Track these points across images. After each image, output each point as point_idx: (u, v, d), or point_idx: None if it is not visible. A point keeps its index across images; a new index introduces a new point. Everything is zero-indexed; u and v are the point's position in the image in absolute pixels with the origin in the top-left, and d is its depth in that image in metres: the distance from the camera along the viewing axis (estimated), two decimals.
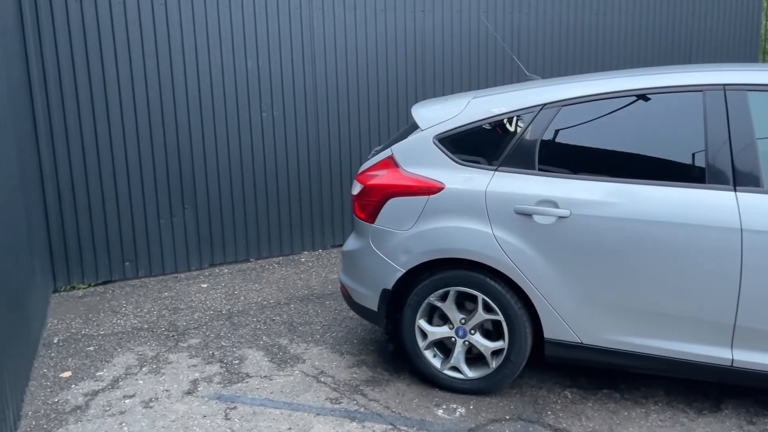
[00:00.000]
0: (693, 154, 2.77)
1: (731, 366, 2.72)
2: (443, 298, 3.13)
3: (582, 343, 2.94)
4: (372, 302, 3.27)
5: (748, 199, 2.63)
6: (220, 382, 3.31)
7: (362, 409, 3.02)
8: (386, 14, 5.57)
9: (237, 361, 3.55)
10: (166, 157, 4.93)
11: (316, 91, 5.42)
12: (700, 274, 2.68)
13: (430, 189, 3.09)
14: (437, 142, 3.17)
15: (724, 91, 2.76)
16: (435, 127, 3.20)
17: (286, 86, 5.29)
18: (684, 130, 2.81)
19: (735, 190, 2.66)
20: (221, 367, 3.48)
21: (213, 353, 3.66)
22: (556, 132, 3.01)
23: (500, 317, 3.02)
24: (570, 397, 3.10)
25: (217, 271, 5.14)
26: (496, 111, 3.11)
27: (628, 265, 2.79)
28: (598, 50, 6.73)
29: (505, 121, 3.10)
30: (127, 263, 4.93)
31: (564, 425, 2.85)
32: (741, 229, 2.61)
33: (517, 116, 3.07)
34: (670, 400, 3.02)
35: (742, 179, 2.67)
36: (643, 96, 2.91)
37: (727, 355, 2.72)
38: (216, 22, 4.95)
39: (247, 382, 3.30)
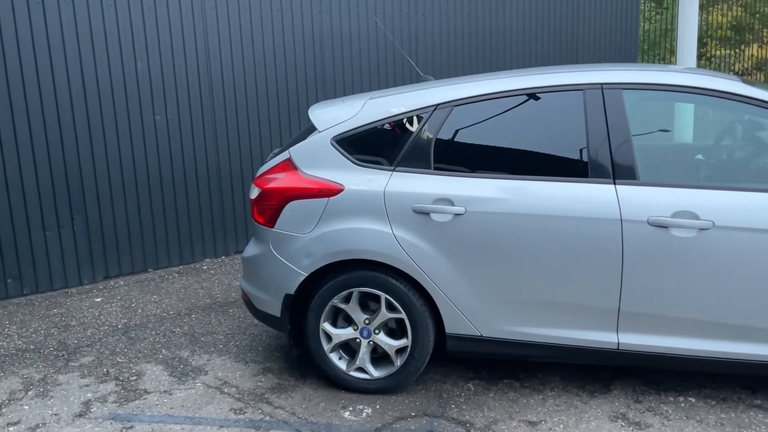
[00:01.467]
0: (576, 150, 2.92)
1: (618, 349, 2.89)
2: (347, 299, 3.12)
3: (482, 336, 3.03)
4: (274, 308, 3.21)
5: (626, 191, 2.81)
6: (115, 401, 3.14)
7: (267, 418, 2.96)
8: (282, 15, 5.50)
9: (134, 378, 3.38)
10: (49, 163, 4.62)
11: (212, 93, 5.26)
12: (587, 264, 2.83)
13: (330, 191, 3.08)
14: (335, 144, 3.16)
15: (602, 90, 2.92)
16: (332, 129, 3.19)
17: (180, 89, 5.11)
18: (568, 127, 2.95)
19: (615, 184, 2.83)
20: (117, 385, 3.31)
21: (107, 371, 3.47)
22: (450, 131, 3.08)
23: (403, 315, 3.05)
24: (473, 389, 3.18)
25: (112, 283, 4.88)
26: (393, 111, 3.14)
27: (521, 258, 2.89)
28: (492, 51, 6.96)
29: (400, 121, 3.14)
30: (9, 280, 4.58)
31: (467, 417, 2.93)
32: (621, 220, 2.77)
33: (412, 117, 3.11)
34: (565, 385, 3.17)
35: (620, 173, 2.84)
36: (529, 95, 3.03)
37: (613, 339, 2.88)
38: (101, 22, 4.69)
39: (145, 399, 3.15)
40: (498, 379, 3.27)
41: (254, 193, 3.26)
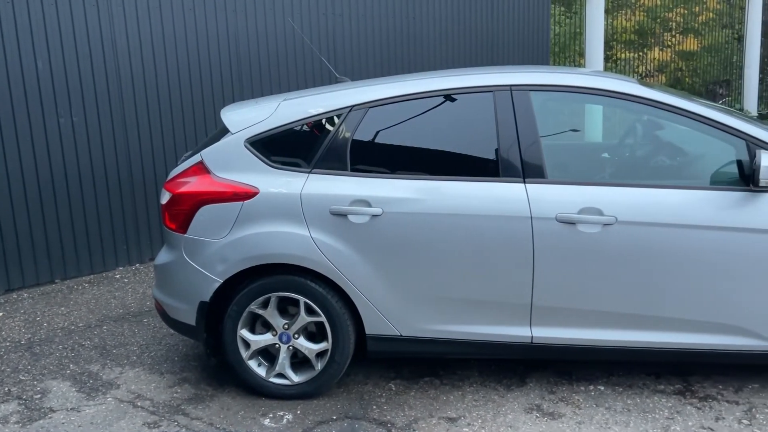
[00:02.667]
0: (488, 151, 2.98)
1: (532, 342, 2.98)
2: (264, 305, 3.07)
3: (402, 335, 3.05)
4: (189, 316, 3.11)
5: (535, 189, 2.90)
6: (18, 422, 2.95)
7: (183, 430, 2.86)
8: (195, 14, 5.34)
9: (39, 396, 3.19)
10: None
11: (121, 94, 5.04)
12: (500, 261, 2.90)
13: (244, 194, 3.01)
14: (249, 146, 3.09)
15: (511, 91, 3.00)
16: (246, 131, 3.12)
17: (86, 89, 4.86)
18: (479, 128, 3.01)
19: (524, 182, 2.91)
20: (19, 404, 3.11)
21: (9, 390, 3.26)
22: (366, 132, 3.08)
23: (323, 318, 3.03)
24: (394, 388, 3.20)
25: (15, 296, 4.59)
26: (308, 113, 3.11)
27: (438, 258, 2.93)
28: (409, 53, 7.03)
29: (315, 123, 3.11)
30: None
31: (388, 417, 2.94)
32: (531, 217, 2.86)
33: (327, 118, 3.10)
34: (483, 380, 3.24)
35: (530, 172, 2.93)
36: (442, 97, 3.08)
37: (527, 333, 2.97)
38: None
39: (50, 418, 2.98)
40: (419, 377, 3.30)
41: (165, 198, 3.15)
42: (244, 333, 3.09)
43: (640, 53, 12.37)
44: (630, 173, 3.50)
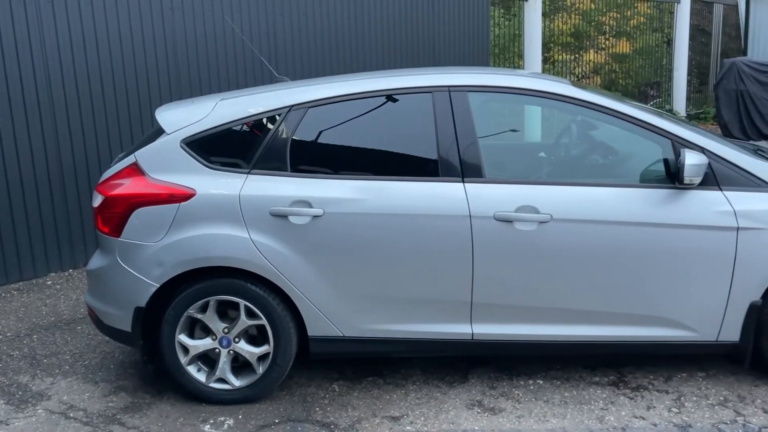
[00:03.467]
0: (428, 151, 3.01)
1: (472, 339, 3.03)
2: (203, 309, 3.00)
3: (344, 336, 3.04)
4: (125, 323, 3.01)
5: (474, 189, 2.94)
6: None
7: None
8: (130, 11, 5.18)
9: None
10: None
11: (51, 94, 4.83)
12: (441, 259, 2.93)
13: (181, 196, 2.94)
14: (185, 146, 3.02)
15: (449, 92, 3.04)
16: (182, 131, 3.05)
17: (13, 91, 4.64)
18: (419, 128, 3.04)
19: (463, 182, 2.95)
20: None
21: None
22: (306, 133, 3.06)
23: (264, 321, 2.99)
24: (337, 389, 3.19)
25: None
26: (246, 113, 3.06)
27: (380, 257, 2.94)
28: (351, 53, 7.03)
29: (254, 123, 3.07)
30: None
31: (331, 419, 2.92)
32: (470, 216, 2.90)
33: (266, 118, 3.06)
34: (426, 378, 3.27)
35: (468, 172, 2.97)
36: (382, 97, 3.08)
37: (468, 330, 3.01)
38: None
39: None
40: (362, 377, 3.30)
41: (97, 200, 3.04)
42: (183, 338, 3.01)
43: (577, 55, 12.74)
44: (565, 172, 3.60)
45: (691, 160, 2.76)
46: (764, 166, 2.93)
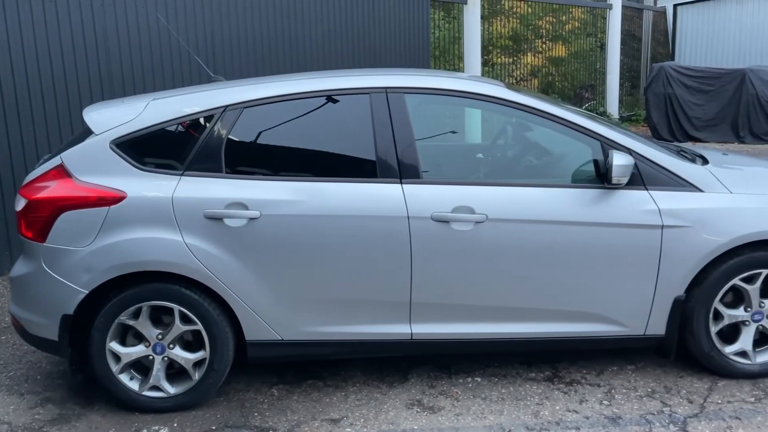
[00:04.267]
0: (365, 152, 3.01)
1: (411, 339, 3.04)
2: (136, 315, 2.91)
3: (283, 339, 3.00)
4: (51, 332, 2.89)
5: (411, 189, 2.96)
6: None
7: None
8: (57, 5, 4.97)
9: None
10: None
11: None
12: (379, 260, 2.93)
13: (110, 199, 2.84)
14: (115, 148, 2.92)
15: (386, 93, 3.05)
16: (111, 131, 2.95)
17: None
18: (357, 129, 3.03)
19: (401, 183, 2.96)
20: None
21: None
22: (241, 133, 3.01)
23: (200, 326, 2.92)
24: (276, 394, 3.15)
25: None
26: (179, 113, 2.99)
27: (318, 259, 2.92)
28: (291, 54, 6.97)
29: (188, 123, 3.00)
30: None
31: (270, 423, 2.89)
32: (408, 217, 2.92)
33: (200, 119, 2.99)
34: (366, 379, 3.27)
35: (406, 172, 2.98)
36: (319, 98, 3.06)
37: (407, 330, 3.03)
38: None
39: None
40: (302, 380, 3.27)
41: (20, 204, 2.90)
42: (114, 346, 2.91)
43: (515, 58, 13.03)
44: (500, 173, 3.67)
45: (619, 161, 2.86)
46: (686, 167, 3.06)
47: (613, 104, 13.78)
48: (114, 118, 2.99)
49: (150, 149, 2.96)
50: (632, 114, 14.63)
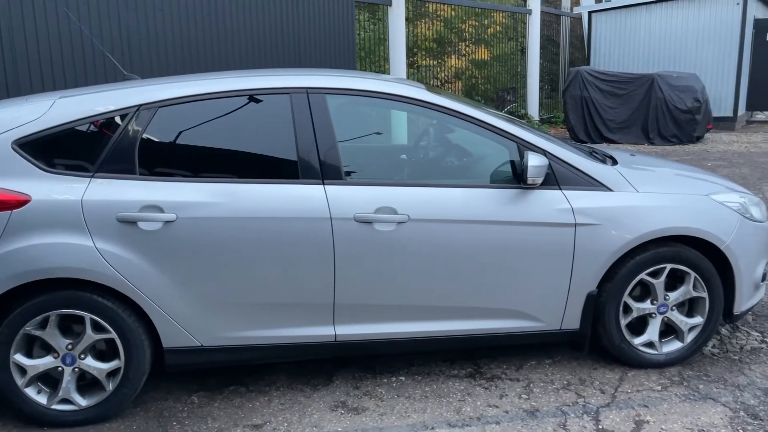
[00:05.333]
0: (286, 152, 2.98)
1: (335, 341, 3.03)
2: (43, 324, 2.76)
3: (203, 345, 2.93)
4: None
5: (334, 191, 2.95)
6: None
7: None
8: None
9: None
10: None
11: None
12: (302, 262, 2.91)
13: (12, 202, 2.68)
14: (17, 148, 2.76)
15: (307, 94, 3.03)
16: (13, 131, 2.78)
17: None
18: (277, 130, 2.99)
19: (323, 184, 2.95)
20: None
21: None
22: (156, 133, 2.91)
23: (113, 335, 2.80)
24: (197, 401, 3.06)
25: None
26: (89, 112, 2.85)
27: (238, 262, 2.86)
28: (213, 53, 6.80)
29: (99, 123, 2.87)
30: None
31: None
32: (330, 218, 2.90)
33: (112, 118, 2.87)
34: (290, 383, 3.23)
35: (328, 173, 2.97)
36: (237, 97, 3.00)
37: (330, 331, 3.02)
38: None
39: None
40: (224, 387, 3.19)
41: None
42: (19, 358, 2.75)
43: (440, 60, 13.25)
44: (423, 173, 3.72)
45: (534, 161, 2.95)
46: (596, 167, 3.20)
47: (533, 106, 14.26)
48: (17, 117, 2.82)
49: (57, 150, 2.81)
50: (552, 116, 15.18)
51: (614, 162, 3.45)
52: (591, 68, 12.74)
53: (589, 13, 14.76)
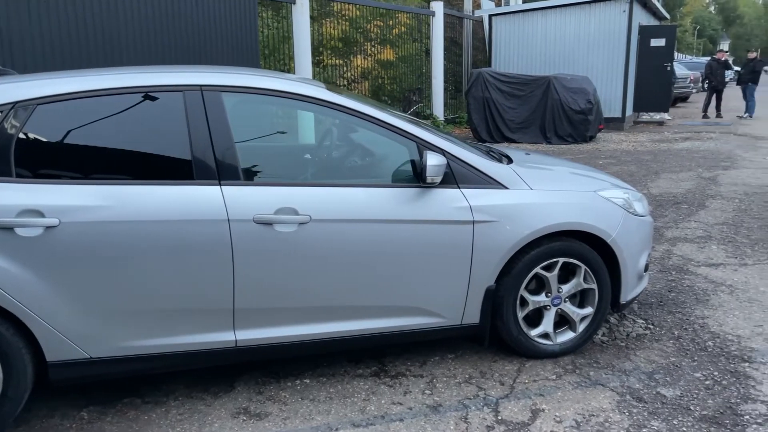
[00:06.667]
0: (180, 153, 2.86)
1: (236, 346, 2.95)
2: None
3: (92, 357, 2.76)
4: None
5: (232, 191, 2.86)
6: None
7: None
8: None
9: None
10: None
11: None
12: (199, 266, 2.80)
13: None
14: None
15: (201, 92, 2.92)
16: None
17: None
18: (170, 129, 2.87)
19: (220, 185, 2.86)
20: None
21: None
22: (36, 133, 2.71)
23: None
24: (87, 417, 2.89)
25: None
26: None
27: (130, 268, 2.72)
28: (104, 47, 6.45)
29: None
30: None
31: None
32: (228, 220, 2.82)
33: None
34: (189, 392, 3.11)
35: (225, 174, 2.88)
36: (126, 95, 2.85)
37: (231, 337, 2.93)
38: None
39: None
40: (117, 400, 3.03)
41: None
42: None
43: (347, 60, 13.26)
44: (325, 173, 3.70)
45: (432, 161, 3.00)
46: (492, 166, 3.29)
47: (438, 107, 14.57)
48: None
49: None
50: (456, 116, 15.57)
51: (510, 161, 3.56)
52: (492, 70, 13.18)
53: (490, 16, 15.26)
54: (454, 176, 3.16)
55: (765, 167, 9.28)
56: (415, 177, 3.10)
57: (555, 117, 12.33)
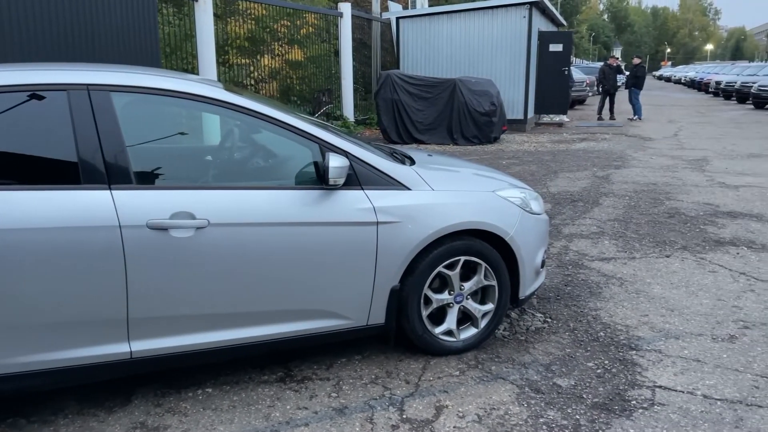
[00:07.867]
0: (66, 155, 2.70)
1: (131, 358, 2.81)
2: None
3: None
4: None
5: (123, 196, 2.73)
6: None
7: None
8: None
9: None
10: None
11: None
12: (88, 275, 2.65)
13: None
14: None
15: (88, 91, 2.77)
16: None
17: None
18: (54, 130, 2.70)
19: (110, 189, 2.72)
20: None
21: None
22: None
23: None
24: None
25: None
26: None
27: (10, 280, 2.53)
28: None
29: None
30: None
31: None
32: (119, 226, 2.68)
33: None
34: (81, 409, 2.94)
35: (116, 178, 2.74)
36: (4, 93, 2.66)
37: (125, 348, 2.79)
38: None
39: None
40: None
41: None
42: None
43: (254, 60, 13.00)
44: (225, 176, 3.60)
45: (335, 162, 2.99)
46: (395, 167, 3.33)
47: (348, 108, 14.59)
48: None
49: None
50: (366, 117, 15.66)
51: (412, 162, 3.61)
52: (400, 72, 13.35)
53: (397, 18, 15.45)
54: (358, 178, 3.17)
55: (652, 166, 9.94)
56: (318, 179, 3.08)
57: (461, 119, 12.65)
